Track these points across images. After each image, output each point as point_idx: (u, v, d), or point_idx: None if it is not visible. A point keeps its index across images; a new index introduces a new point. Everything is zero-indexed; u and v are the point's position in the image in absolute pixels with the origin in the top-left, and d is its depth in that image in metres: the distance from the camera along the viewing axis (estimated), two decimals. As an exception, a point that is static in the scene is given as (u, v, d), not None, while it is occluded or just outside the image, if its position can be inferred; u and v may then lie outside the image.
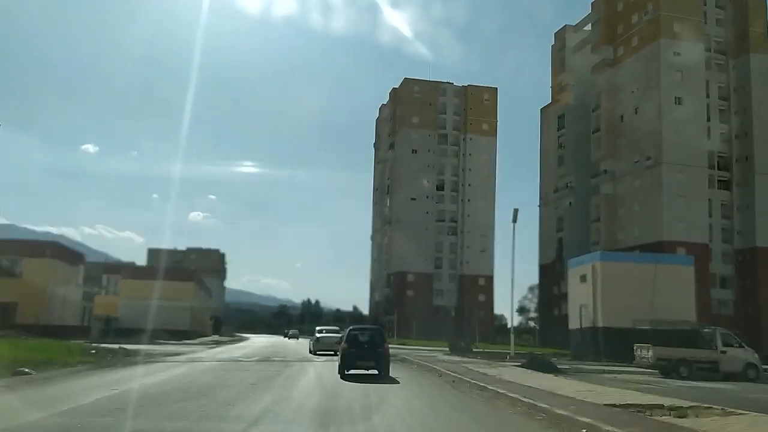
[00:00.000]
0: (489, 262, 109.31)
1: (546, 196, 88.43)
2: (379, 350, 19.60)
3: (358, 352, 19.60)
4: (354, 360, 19.62)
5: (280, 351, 40.53)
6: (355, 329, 21.41)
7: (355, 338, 20.32)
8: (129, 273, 68.72)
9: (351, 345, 19.85)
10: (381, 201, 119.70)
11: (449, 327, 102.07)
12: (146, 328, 59.46)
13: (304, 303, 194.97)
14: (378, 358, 19.44)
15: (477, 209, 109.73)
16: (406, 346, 55.35)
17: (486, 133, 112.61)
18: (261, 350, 41.63)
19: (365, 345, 19.93)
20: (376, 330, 21.82)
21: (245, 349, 42.87)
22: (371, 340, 20.17)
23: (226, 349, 41.79)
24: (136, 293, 66.64)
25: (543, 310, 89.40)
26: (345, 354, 19.76)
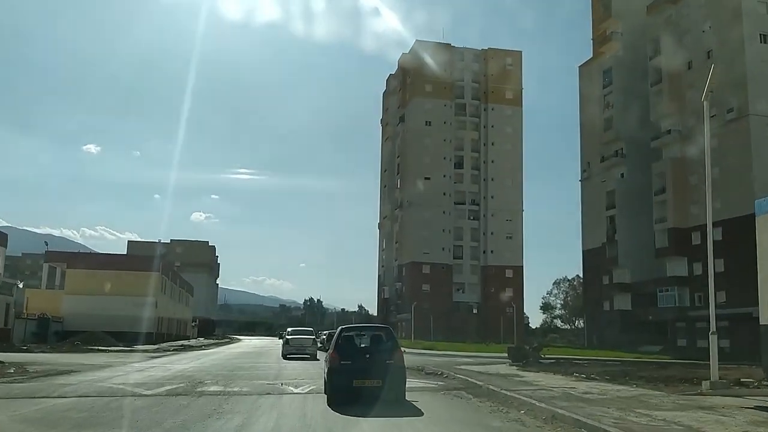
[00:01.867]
0: (517, 251, 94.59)
1: (589, 169, 73.60)
2: (389, 361, 12.18)
3: (356, 365, 12.03)
4: (349, 378, 11.87)
5: (249, 363, 26.31)
6: (348, 329, 13.89)
7: (350, 343, 13.04)
8: (76, 261, 54.33)
9: (344, 354, 12.33)
10: (390, 183, 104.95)
11: (473, 327, 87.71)
12: (106, 330, 47.11)
13: (306, 302, 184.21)
14: (388, 374, 11.90)
15: (502, 189, 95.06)
16: (433, 351, 40.77)
17: (510, 102, 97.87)
18: (225, 362, 27.51)
19: (366, 354, 12.69)
20: (382, 330, 13.85)
21: (202, 360, 28.57)
22: (376, 346, 12.91)
23: (168, 361, 27.32)
24: (84, 287, 52.26)
25: (589, 305, 74.50)
26: (335, 369, 12.19)
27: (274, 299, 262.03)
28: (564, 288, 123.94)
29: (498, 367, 24.17)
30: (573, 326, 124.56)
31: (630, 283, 65.55)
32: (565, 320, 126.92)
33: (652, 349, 55.44)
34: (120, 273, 53.09)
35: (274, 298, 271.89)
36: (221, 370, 21.78)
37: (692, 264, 58.29)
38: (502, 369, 22.87)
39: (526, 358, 26.83)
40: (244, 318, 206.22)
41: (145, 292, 53.95)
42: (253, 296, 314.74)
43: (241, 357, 32.66)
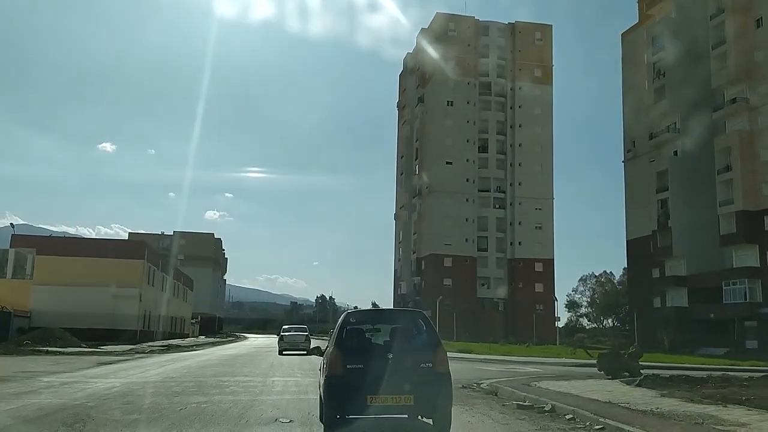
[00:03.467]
0: (547, 242, 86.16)
1: (635, 148, 65.12)
2: (426, 365, 7.60)
3: (371, 372, 7.41)
4: (359, 393, 7.32)
5: (229, 373, 18.56)
6: (358, 315, 9.13)
7: (360, 337, 8.38)
8: (46, 247, 46.67)
9: (350, 352, 7.75)
10: (408, 170, 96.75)
11: (499, 325, 79.63)
12: (79, 326, 40.44)
13: (317, 300, 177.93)
14: (424, 386, 7.49)
15: (530, 175, 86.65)
16: (472, 355, 32.66)
17: (539, 80, 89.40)
18: (198, 371, 19.93)
19: (387, 352, 7.69)
20: (411, 316, 9.04)
21: (167, 369, 20.71)
22: (403, 341, 7.96)
23: (114, 371, 19.45)
24: (56, 276, 44.73)
25: (635, 302, 65.92)
26: (336, 378, 7.58)
27: (286, 297, 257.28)
28: (591, 284, 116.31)
29: (596, 384, 16.10)
30: (600, 325, 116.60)
31: (686, 275, 57.00)
32: (592, 319, 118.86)
33: (715, 352, 47.14)
34: (97, 260, 45.48)
35: (286, 296, 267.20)
36: (174, 388, 13.90)
37: (766, 252, 49.93)
38: (608, 387, 14.85)
39: (624, 370, 18.75)
40: (255, 316, 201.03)
41: (128, 283, 46.34)
42: (266, 294, 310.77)
43: (226, 362, 24.81)
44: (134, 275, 46.91)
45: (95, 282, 44.80)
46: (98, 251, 46.13)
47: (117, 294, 45.43)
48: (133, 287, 46.50)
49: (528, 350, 39.78)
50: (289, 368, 21.07)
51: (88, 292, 44.25)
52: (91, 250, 46.28)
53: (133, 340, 44.35)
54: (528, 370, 22.65)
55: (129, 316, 46.11)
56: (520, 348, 44.86)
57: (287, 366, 22.25)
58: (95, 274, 45.06)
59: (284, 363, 24.17)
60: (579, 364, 27.24)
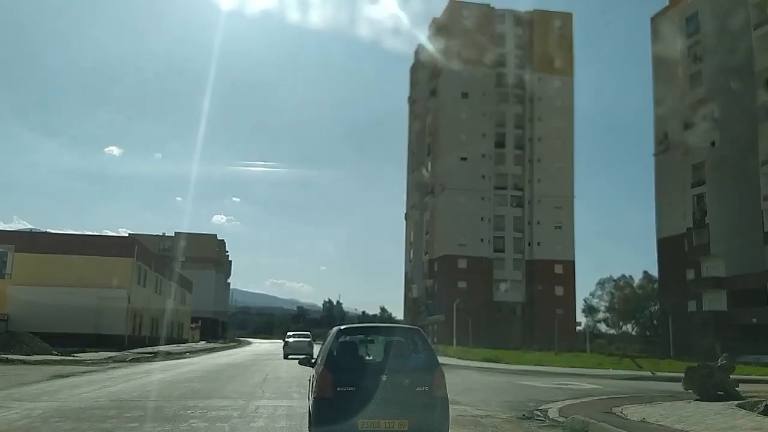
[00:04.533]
0: (568, 243, 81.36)
1: (667, 140, 60.47)
2: (423, 388, 7.19)
3: (363, 393, 6.94)
4: (352, 416, 6.83)
5: (208, 392, 14.02)
6: (350, 330, 8.37)
7: (352, 355, 7.97)
8: (27, 244, 42.38)
9: (341, 373, 7.29)
10: (419, 167, 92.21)
11: (516, 330, 74.93)
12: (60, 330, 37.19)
13: (324, 304, 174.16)
14: (421, 410, 7.09)
15: (550, 172, 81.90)
16: (502, 366, 27.96)
17: (559, 72, 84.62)
18: (170, 387, 15.54)
19: (381, 373, 7.16)
20: (407, 333, 8.43)
21: (135, 384, 16.39)
22: (397, 360, 7.52)
23: (60, 388, 15.00)
24: (37, 276, 40.46)
25: (667, 306, 61.06)
26: (325, 400, 7.16)
27: (293, 302, 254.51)
28: (609, 288, 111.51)
29: (701, 409, 11.57)
30: (619, 331, 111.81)
31: (726, 277, 52.30)
32: (610, 324, 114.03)
33: (761, 359, 42.43)
34: (82, 258, 41.10)
35: (293, 301, 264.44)
36: (105, 423, 9.41)
37: (817, 251, 45.26)
38: (727, 416, 10.34)
39: (718, 389, 14.22)
40: (262, 320, 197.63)
41: (115, 283, 41.99)
42: (272, 299, 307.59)
43: (210, 376, 20.38)
44: (122, 274, 42.51)
45: (79, 282, 40.44)
46: (84, 248, 41.74)
47: (103, 295, 41.02)
48: (120, 288, 42.11)
49: (562, 359, 35.09)
50: (285, 384, 16.66)
51: (71, 292, 39.85)
52: (75, 247, 41.86)
53: (120, 345, 40.06)
54: (585, 386, 18.12)
55: (116, 319, 41.74)
56: (551, 356, 40.10)
57: (284, 381, 17.83)
58: (79, 274, 40.72)
59: (281, 376, 19.75)
60: (634, 377, 22.82)
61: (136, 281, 44.58)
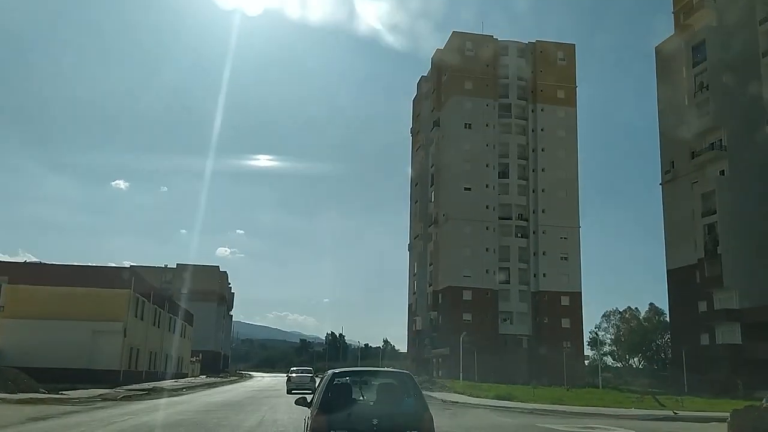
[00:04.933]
0: (574, 274, 79.89)
1: (674, 170, 59.48)
2: (412, 431, 7.49)
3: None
4: None
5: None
6: (344, 374, 8.66)
7: (345, 399, 8.04)
8: (20, 275, 41.22)
9: (335, 418, 7.51)
10: (423, 197, 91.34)
11: (523, 364, 73.14)
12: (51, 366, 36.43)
13: (327, 337, 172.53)
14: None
15: (554, 202, 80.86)
16: (514, 404, 26.45)
17: (562, 102, 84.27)
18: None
19: (373, 419, 7.44)
20: (397, 377, 8.76)
21: (120, 426, 14.93)
22: (389, 405, 7.79)
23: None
24: (29, 308, 39.25)
25: (678, 339, 59.48)
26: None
27: (296, 335, 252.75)
28: (614, 321, 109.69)
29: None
30: (625, 364, 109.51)
31: (740, 309, 50.76)
32: (617, 357, 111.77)
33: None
34: (75, 290, 39.93)
35: (296, 334, 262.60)
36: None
37: (836, 282, 43.84)
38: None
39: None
40: (264, 353, 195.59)
41: (110, 316, 40.74)
42: (276, 331, 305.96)
43: (198, 419, 18.92)
44: (118, 307, 41.28)
45: (72, 314, 39.24)
46: (79, 280, 40.52)
47: (97, 329, 39.84)
48: (116, 320, 40.84)
49: (576, 396, 33.42)
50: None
51: (65, 326, 38.71)
52: (70, 278, 40.58)
53: (115, 381, 38.69)
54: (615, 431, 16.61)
55: (111, 353, 40.38)
56: (563, 392, 38.49)
57: (281, 426, 16.35)
58: (73, 305, 39.55)
59: (279, 419, 18.28)
60: (658, 417, 21.38)
61: (133, 314, 43.30)
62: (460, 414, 21.15)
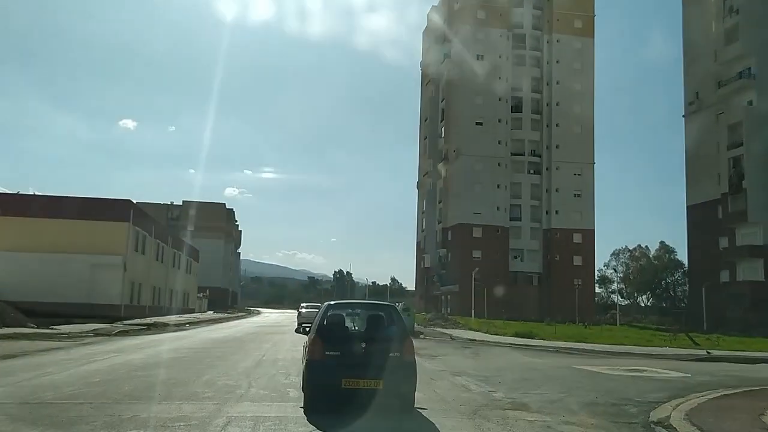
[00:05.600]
0: (587, 212, 77.88)
1: (698, 100, 56.56)
2: (395, 354, 8.63)
3: (347, 358, 8.51)
4: (337, 375, 8.31)
5: (178, 378, 11.47)
6: (338, 306, 9.77)
7: (339, 327, 9.27)
8: (13, 207, 39.34)
9: (330, 341, 8.72)
10: (432, 134, 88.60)
11: (533, 301, 72.05)
12: (47, 300, 34.35)
13: (335, 275, 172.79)
14: (393, 372, 8.45)
15: (569, 138, 78.15)
16: (539, 342, 24.90)
17: (579, 32, 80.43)
18: (139, 371, 12.56)
19: (362, 342, 8.83)
20: (383, 309, 9.93)
21: (102, 365, 13.47)
22: (375, 332, 9.11)
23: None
24: (23, 242, 37.69)
25: (696, 276, 57.79)
26: (317, 362, 8.58)
27: (305, 273, 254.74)
28: (624, 259, 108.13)
29: None
30: (633, 302, 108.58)
31: (764, 245, 48.86)
32: (625, 295, 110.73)
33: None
34: (72, 222, 38.31)
35: (305, 272, 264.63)
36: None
37: None
38: None
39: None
40: (273, 290, 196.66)
41: (109, 250, 39.20)
42: (284, 269, 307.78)
43: (199, 355, 17.37)
44: (117, 240, 39.73)
45: (70, 248, 37.72)
46: (74, 212, 38.79)
47: (96, 262, 38.34)
48: (115, 254, 39.33)
49: (599, 334, 31.55)
50: (283, 372, 12.74)
51: (61, 259, 37.23)
52: (65, 210, 38.87)
53: (116, 316, 37.43)
54: (670, 375, 14.53)
55: (111, 288, 39.02)
56: (582, 330, 36.82)
57: (281, 366, 14.17)
58: (70, 239, 37.99)
59: (280, 358, 16.45)
60: (703, 358, 19.64)
61: (133, 248, 41.78)
62: (483, 354, 19.51)
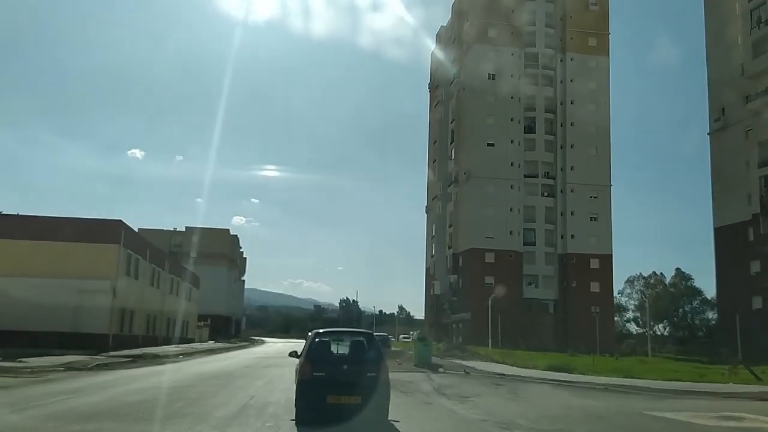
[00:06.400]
0: (604, 236, 74.58)
1: (726, 116, 53.66)
2: (372, 374, 10.23)
3: (331, 378, 10.08)
4: (322, 393, 9.87)
5: None
6: (324, 333, 11.31)
7: (325, 351, 10.82)
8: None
9: (317, 363, 10.30)
10: (442, 156, 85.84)
11: (549, 330, 68.58)
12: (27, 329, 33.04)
13: (341, 303, 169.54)
14: (370, 389, 9.99)
15: (584, 159, 75.22)
16: (579, 378, 21.62)
17: (594, 51, 77.99)
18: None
19: (344, 364, 10.59)
20: (363, 336, 11.69)
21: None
22: (356, 355, 10.80)
23: None
24: (6, 265, 34.77)
25: (725, 302, 54.30)
26: (306, 382, 10.16)
27: (311, 301, 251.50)
28: (638, 286, 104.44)
29: None
30: (650, 331, 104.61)
31: (800, 270, 45.52)
32: (640, 324, 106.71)
33: None
34: (57, 245, 35.40)
35: (311, 301, 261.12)
36: None
37: None
38: None
39: None
40: (279, 319, 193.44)
41: (97, 273, 36.21)
42: (291, 298, 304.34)
43: (173, 395, 14.17)
44: (105, 263, 36.69)
45: (53, 272, 34.77)
46: (60, 233, 35.87)
47: (82, 287, 35.29)
48: (103, 278, 36.28)
49: (642, 368, 27.73)
50: (272, 421, 10.39)
51: (43, 284, 34.15)
52: (50, 232, 35.98)
53: (103, 347, 34.38)
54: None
55: (98, 315, 35.91)
56: (621, 363, 33.09)
57: (271, 412, 11.38)
58: (53, 262, 35.09)
59: (272, 401, 13.36)
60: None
61: (124, 272, 38.75)
62: (523, 393, 16.17)
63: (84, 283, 35.43)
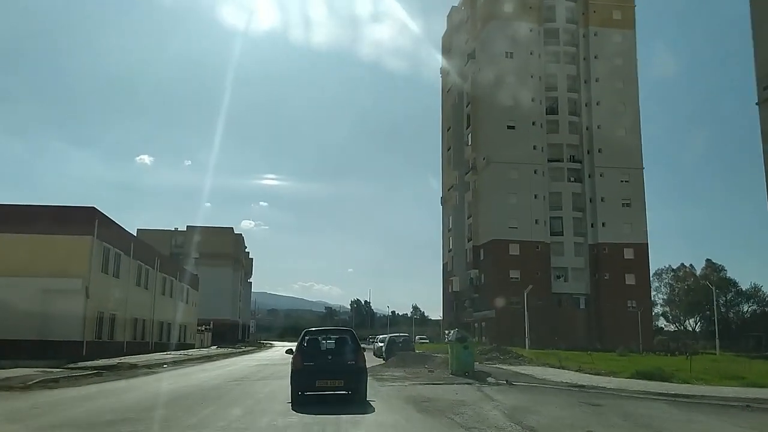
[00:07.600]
0: (638, 223, 68.60)
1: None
2: (351, 362, 13.09)
3: (319, 367, 12.82)
4: (312, 378, 12.72)
5: None
6: (313, 332, 14.38)
7: (314, 346, 13.69)
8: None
9: (306, 356, 13.13)
10: (457, 143, 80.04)
11: (581, 327, 62.78)
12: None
13: (352, 305, 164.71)
14: (350, 374, 12.90)
15: (613, 140, 69.27)
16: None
17: (619, 24, 72.18)
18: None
19: (329, 355, 13.37)
20: (346, 333, 14.43)
21: None
22: (339, 348, 13.59)
23: None
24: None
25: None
26: (299, 370, 12.87)
27: (322, 304, 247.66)
28: (667, 279, 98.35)
29: None
30: (681, 326, 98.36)
31: None
32: (670, 319, 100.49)
33: None
34: (12, 237, 29.99)
35: (322, 303, 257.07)
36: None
37: None
38: None
39: None
40: (289, 321, 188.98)
41: (65, 271, 30.77)
42: (301, 301, 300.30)
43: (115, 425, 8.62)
44: (76, 258, 31.19)
45: (12, 269, 29.43)
46: (18, 223, 30.44)
47: (48, 287, 29.87)
48: (74, 276, 30.80)
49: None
50: None
51: (4, 284, 28.89)
52: (8, 221, 30.60)
53: (76, 356, 28.99)
54: None
55: (69, 320, 30.44)
56: (700, 364, 26.82)
57: None
58: (12, 257, 29.73)
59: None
60: None
61: (99, 268, 33.21)
62: (653, 423, 10.07)
63: (50, 282, 30.02)
